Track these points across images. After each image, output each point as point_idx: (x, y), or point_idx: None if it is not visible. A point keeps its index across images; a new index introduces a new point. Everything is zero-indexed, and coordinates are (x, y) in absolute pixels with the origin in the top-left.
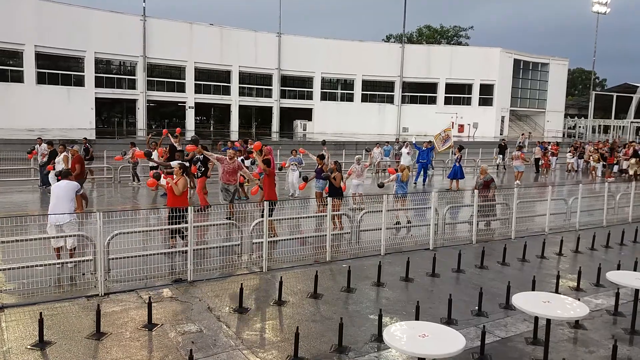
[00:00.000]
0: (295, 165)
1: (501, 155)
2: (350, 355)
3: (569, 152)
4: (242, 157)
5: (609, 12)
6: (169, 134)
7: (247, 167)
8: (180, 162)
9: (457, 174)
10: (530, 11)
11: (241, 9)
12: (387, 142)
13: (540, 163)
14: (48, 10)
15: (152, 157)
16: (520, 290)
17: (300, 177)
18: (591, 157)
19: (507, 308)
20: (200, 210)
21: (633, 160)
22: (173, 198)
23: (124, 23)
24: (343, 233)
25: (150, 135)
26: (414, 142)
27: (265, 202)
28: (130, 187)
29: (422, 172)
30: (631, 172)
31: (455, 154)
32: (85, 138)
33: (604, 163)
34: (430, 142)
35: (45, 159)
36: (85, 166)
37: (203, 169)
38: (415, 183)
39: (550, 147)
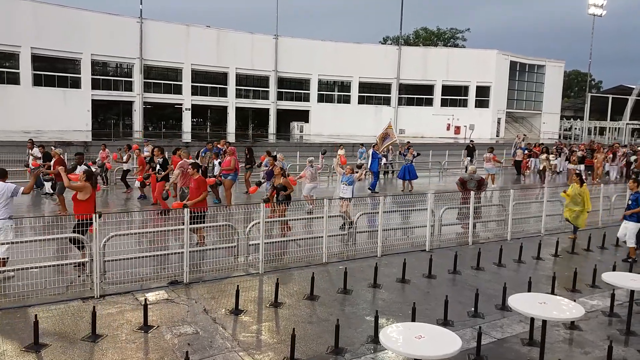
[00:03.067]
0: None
1: (469, 158)
2: (346, 357)
3: (552, 154)
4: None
5: (604, 14)
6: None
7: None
8: (86, 168)
9: (407, 173)
10: (527, 14)
11: (238, 11)
12: (362, 144)
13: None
14: (44, 12)
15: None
16: (516, 292)
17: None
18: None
19: (503, 309)
20: (162, 214)
21: (544, 157)
22: (77, 206)
23: (120, 25)
24: (292, 240)
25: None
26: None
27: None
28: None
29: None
30: (540, 168)
31: (407, 155)
32: (40, 142)
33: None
34: (376, 144)
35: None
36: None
37: (162, 173)
38: (371, 189)
39: (533, 148)
